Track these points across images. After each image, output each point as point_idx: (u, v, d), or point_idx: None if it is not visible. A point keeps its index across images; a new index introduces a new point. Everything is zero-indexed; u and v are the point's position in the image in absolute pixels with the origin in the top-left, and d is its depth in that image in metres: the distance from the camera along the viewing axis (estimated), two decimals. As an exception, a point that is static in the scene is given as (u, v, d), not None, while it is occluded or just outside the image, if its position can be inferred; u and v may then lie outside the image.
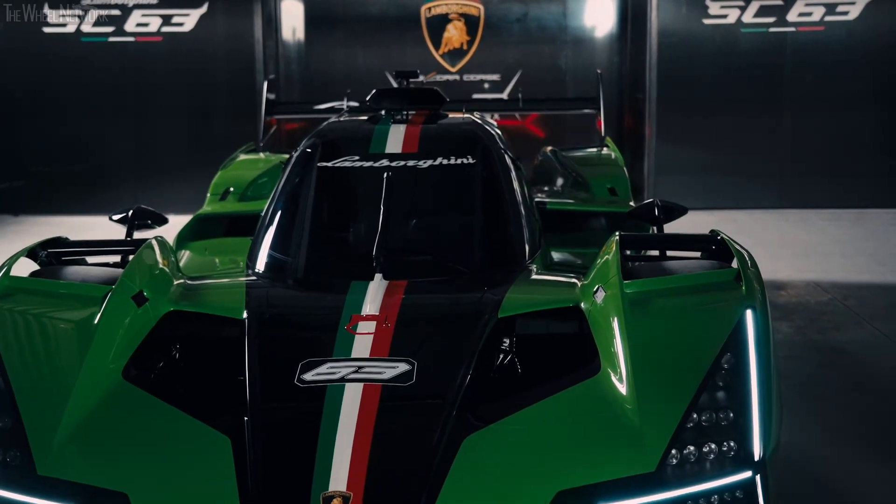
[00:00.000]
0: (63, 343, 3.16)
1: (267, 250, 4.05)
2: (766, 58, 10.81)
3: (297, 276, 3.88)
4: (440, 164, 4.22)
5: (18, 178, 10.95)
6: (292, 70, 11.90)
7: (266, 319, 3.38)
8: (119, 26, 10.66)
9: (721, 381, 2.92)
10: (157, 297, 3.45)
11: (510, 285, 3.67)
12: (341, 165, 4.25)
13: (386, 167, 4.17)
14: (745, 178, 10.98)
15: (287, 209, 4.21)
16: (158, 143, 10.91)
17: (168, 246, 4.03)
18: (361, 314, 3.34)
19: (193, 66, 10.77)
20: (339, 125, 4.74)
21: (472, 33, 11.82)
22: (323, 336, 3.23)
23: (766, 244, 8.95)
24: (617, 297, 3.24)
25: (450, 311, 3.51)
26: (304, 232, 4.07)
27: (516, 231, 4.18)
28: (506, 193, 4.28)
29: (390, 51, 11.83)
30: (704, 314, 3.16)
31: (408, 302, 3.46)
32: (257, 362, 3.11)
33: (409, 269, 3.75)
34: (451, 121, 4.81)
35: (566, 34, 11.90)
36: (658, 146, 11.07)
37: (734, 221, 10.15)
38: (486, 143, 4.48)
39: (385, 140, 4.38)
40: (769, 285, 7.57)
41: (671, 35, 10.87)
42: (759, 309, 3.12)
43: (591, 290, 3.43)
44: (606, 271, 3.46)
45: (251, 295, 3.58)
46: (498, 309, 3.41)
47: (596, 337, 3.24)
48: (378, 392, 2.93)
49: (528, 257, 4.12)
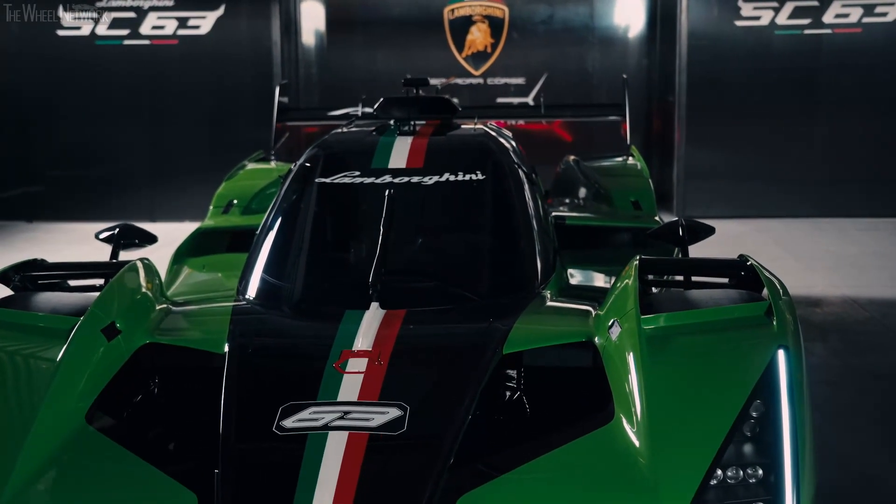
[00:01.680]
0: (23, 382, 2.89)
1: (258, 274, 3.77)
2: (801, 61, 10.45)
3: (289, 303, 3.58)
4: (447, 180, 3.92)
5: (32, 183, 10.77)
6: (312, 74, 11.65)
7: (248, 354, 3.08)
8: (134, 29, 10.45)
9: (749, 433, 2.62)
10: (132, 329, 3.18)
11: (518, 315, 3.37)
12: (340, 181, 3.95)
13: (388, 184, 3.88)
14: (778, 185, 10.61)
15: (281, 228, 3.92)
16: (174, 149, 10.69)
17: (153, 268, 3.75)
18: (353, 349, 3.04)
19: (210, 69, 10.54)
20: (342, 137, 4.45)
21: (496, 35, 11.53)
22: (308, 375, 2.93)
23: (799, 256, 8.58)
24: (633, 333, 2.93)
25: (450, 346, 3.19)
26: (298, 254, 3.77)
27: (528, 254, 3.86)
28: (518, 212, 3.96)
29: (412, 54, 11.56)
30: (731, 355, 2.84)
31: (404, 335, 3.16)
32: (234, 405, 2.83)
33: (408, 297, 3.45)
34: (461, 132, 4.51)
35: (593, 36, 11.58)
36: (688, 151, 10.73)
37: (766, 231, 9.78)
38: (498, 156, 4.17)
39: (389, 154, 4.08)
40: (802, 301, 7.25)
41: (702, 37, 10.53)
42: (793, 349, 2.81)
43: (606, 324, 3.12)
44: (623, 302, 3.15)
45: (235, 325, 3.30)
46: (503, 343, 3.10)
47: (610, 378, 2.94)
48: (364, 441, 2.64)
49: (540, 282, 3.80)
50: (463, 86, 11.50)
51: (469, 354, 3.07)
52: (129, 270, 3.56)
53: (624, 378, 2.85)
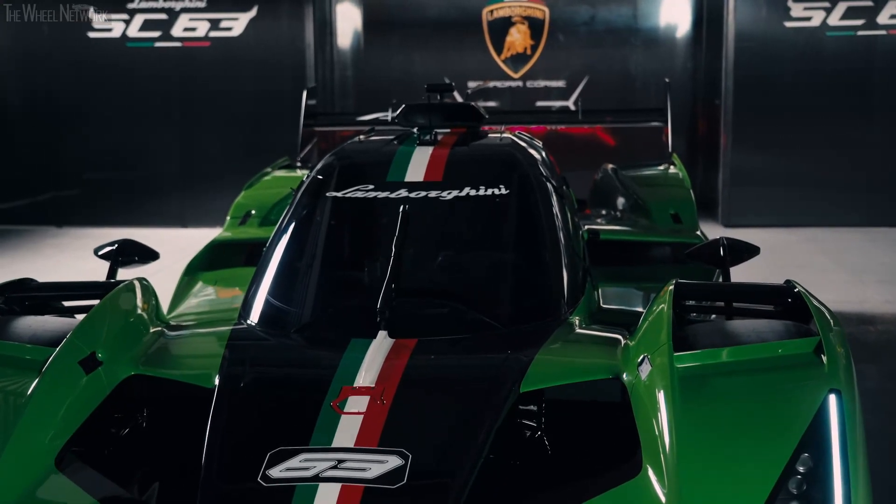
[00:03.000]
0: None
1: (262, 295, 3.49)
2: (854, 63, 10.02)
3: (292, 328, 3.30)
4: (467, 195, 3.62)
5: (62, 188, 10.62)
6: (347, 76, 11.41)
7: (240, 390, 2.81)
8: (166, 31, 10.26)
9: (796, 491, 2.32)
10: (116, 358, 2.92)
11: (541, 346, 3.06)
12: (353, 196, 3.67)
13: (403, 199, 3.59)
14: (828, 192, 10.18)
15: (288, 246, 3.64)
16: (206, 153, 10.49)
17: (149, 288, 3.50)
18: (354, 385, 2.76)
19: (242, 72, 10.32)
20: (358, 146, 4.17)
21: (536, 37, 11.21)
22: (303, 415, 2.66)
23: (850, 268, 8.17)
24: (665, 372, 2.62)
25: (461, 382, 2.89)
26: (304, 275, 3.50)
27: (555, 277, 3.55)
28: (544, 231, 3.65)
29: (449, 56, 11.28)
30: (775, 400, 2.52)
31: (412, 368, 2.87)
32: (218, 449, 2.56)
33: (420, 324, 3.17)
34: (485, 143, 4.21)
35: (636, 37, 11.23)
36: (734, 156, 10.34)
37: (814, 241, 9.37)
38: (525, 169, 3.86)
39: (406, 166, 3.79)
40: (853, 318, 6.85)
41: (750, 38, 10.14)
42: (846, 393, 2.49)
43: (636, 359, 2.81)
44: (655, 335, 2.83)
45: (230, 354, 3.02)
46: (521, 380, 2.80)
47: (638, 422, 2.63)
48: (359, 496, 2.36)
49: (567, 307, 3.49)
50: (502, 89, 11.20)
51: (483, 392, 2.77)
52: (120, 292, 3.31)
53: (653, 423, 2.54)
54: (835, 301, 7.03)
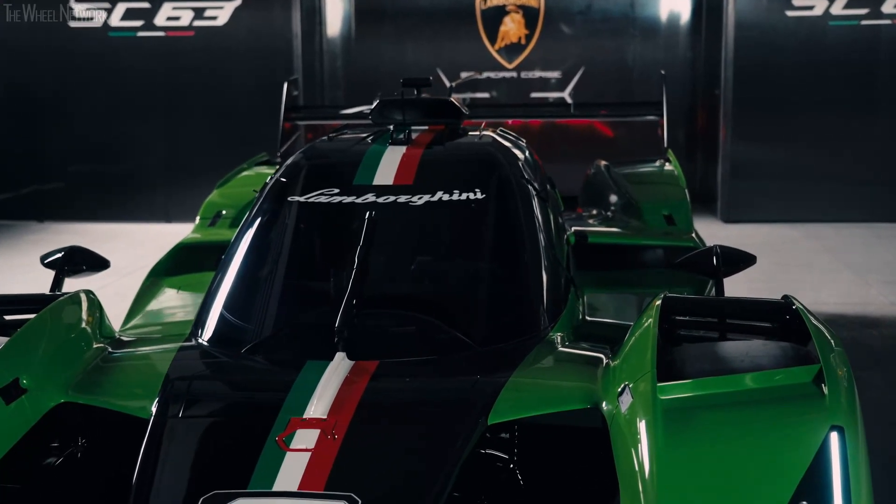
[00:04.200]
0: None
1: (215, 310, 3.22)
2: (858, 53, 9.72)
3: (245, 347, 3.02)
4: (439, 200, 3.35)
5: (44, 182, 10.33)
6: (337, 67, 11.11)
7: (177, 422, 2.54)
8: (148, 20, 9.96)
9: (793, 543, 2.04)
10: (44, 385, 2.65)
11: (514, 370, 2.79)
12: (316, 201, 3.40)
13: (370, 204, 3.31)
14: (831, 186, 9.89)
15: (245, 256, 3.37)
16: (191, 146, 10.20)
17: (94, 302, 3.23)
18: (303, 417, 2.49)
19: (228, 63, 10.02)
20: (326, 146, 3.90)
21: (531, 27, 10.90)
22: (245, 452, 2.39)
23: (854, 266, 7.89)
24: (647, 404, 2.36)
25: (423, 413, 2.62)
26: (260, 288, 3.23)
27: (534, 289, 3.27)
28: (524, 239, 3.37)
29: (442, 46, 10.97)
30: (770, 439, 2.25)
31: (370, 396, 2.60)
32: (146, 492, 2.29)
33: (382, 344, 2.90)
34: (463, 142, 3.93)
35: (634, 27, 10.92)
36: (734, 149, 10.04)
37: (817, 237, 9.08)
38: (504, 171, 3.59)
39: (375, 168, 3.52)
40: (856, 321, 6.56)
41: (750, 28, 9.84)
42: (850, 430, 2.23)
43: (616, 388, 2.54)
44: (638, 360, 2.57)
45: (172, 378, 2.75)
46: (489, 411, 2.53)
47: (617, 461, 2.36)
48: (298, 550, 2.09)
49: (548, 322, 3.22)
50: (496, 80, 10.90)
51: (446, 424, 2.51)
52: (61, 305, 3.04)
53: (634, 462, 2.27)
54: (837, 303, 6.76)
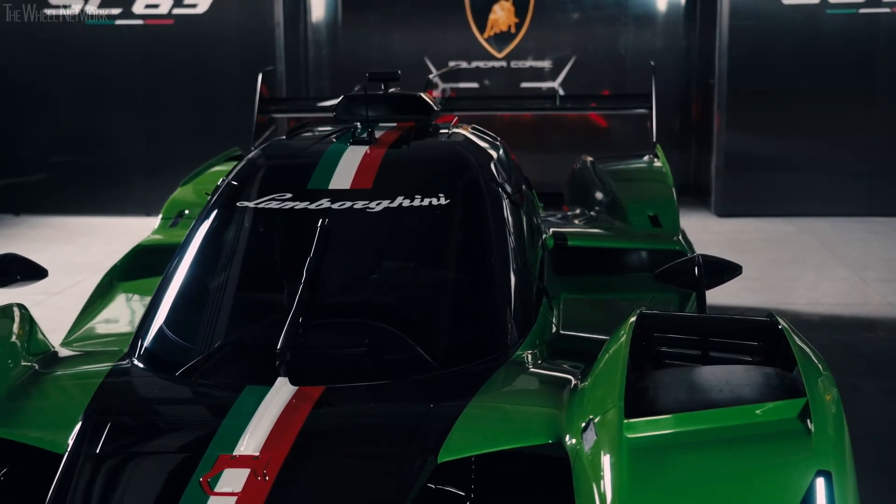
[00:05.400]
0: None
1: (154, 326, 2.97)
2: (856, 42, 9.45)
3: (180, 369, 2.77)
4: (399, 206, 3.10)
5: (20, 174, 10.06)
6: (322, 56, 10.84)
7: (92, 459, 2.29)
8: (127, 8, 9.67)
9: None
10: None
11: (472, 396, 2.54)
12: (266, 207, 3.14)
13: (324, 211, 3.06)
14: (829, 180, 9.63)
15: (190, 266, 3.12)
16: (170, 137, 9.93)
17: (25, 316, 2.98)
18: (233, 454, 2.24)
19: (208, 51, 9.75)
20: (283, 146, 3.65)
21: (521, 15, 10.63)
22: (164, 497, 2.14)
23: (850, 262, 7.64)
24: (613, 444, 2.11)
25: (367, 450, 2.37)
26: (202, 303, 2.98)
27: (501, 303, 3.02)
28: (491, 249, 3.12)
29: (430, 34, 10.71)
30: (749, 487, 2.00)
31: (310, 429, 2.35)
32: (49, 544, 2.05)
33: (330, 367, 2.65)
34: (430, 142, 3.68)
35: (627, 15, 10.65)
36: (728, 140, 9.78)
37: (813, 232, 8.83)
38: (473, 173, 3.34)
39: (332, 170, 3.26)
40: (851, 323, 6.32)
41: (745, 16, 9.57)
42: (838, 475, 1.98)
43: (580, 422, 2.29)
44: (606, 390, 2.32)
45: (94, 408, 2.50)
46: (439, 447, 2.29)
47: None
48: None
49: (516, 337, 2.97)
50: (485, 69, 10.64)
51: (392, 462, 2.26)
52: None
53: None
54: (833, 303, 6.51)
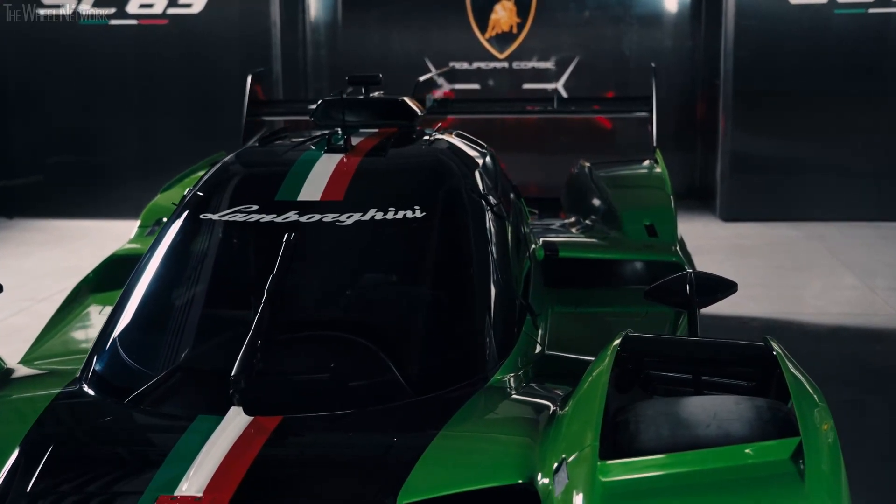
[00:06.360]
0: None
1: (106, 347, 2.79)
2: (865, 43, 9.24)
3: (129, 395, 2.59)
4: (371, 219, 2.91)
5: (11, 176, 9.91)
6: (321, 56, 10.66)
7: (24, 498, 2.11)
8: (120, 7, 9.51)
9: None
10: None
11: (441, 428, 2.36)
12: (231, 220, 2.96)
13: (291, 224, 2.88)
14: (836, 183, 9.42)
15: (149, 283, 2.94)
16: (165, 139, 9.77)
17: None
18: (174, 495, 2.06)
19: (203, 52, 9.58)
20: (253, 154, 3.47)
21: (523, 15, 10.44)
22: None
23: (857, 269, 7.42)
24: (586, 489, 1.92)
25: (321, 490, 2.19)
26: (158, 323, 2.79)
27: (478, 324, 2.83)
28: (469, 266, 2.93)
29: (430, 35, 10.53)
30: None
31: (261, 466, 2.17)
32: None
33: (289, 395, 2.46)
34: (408, 150, 3.50)
35: (631, 15, 10.45)
36: (734, 142, 9.57)
37: (819, 237, 8.62)
38: (453, 184, 3.16)
39: (302, 180, 3.08)
40: (858, 335, 6.10)
41: (751, 16, 9.36)
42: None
43: (553, 461, 2.10)
44: (581, 426, 2.13)
45: (32, 438, 2.32)
46: (399, 488, 2.10)
47: (548, 557, 1.93)
48: None
49: (494, 361, 2.78)
50: (486, 70, 10.45)
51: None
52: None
53: (567, 563, 1.84)
54: (839, 313, 6.31)
